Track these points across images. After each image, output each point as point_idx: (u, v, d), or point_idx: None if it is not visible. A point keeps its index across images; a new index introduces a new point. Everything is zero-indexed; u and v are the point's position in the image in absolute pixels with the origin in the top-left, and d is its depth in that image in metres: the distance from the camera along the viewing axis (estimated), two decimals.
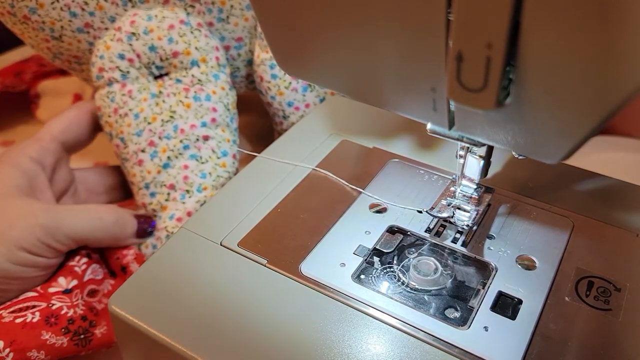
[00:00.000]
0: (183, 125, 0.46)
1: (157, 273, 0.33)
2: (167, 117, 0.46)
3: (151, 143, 0.46)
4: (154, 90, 0.47)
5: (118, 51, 0.46)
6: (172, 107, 0.46)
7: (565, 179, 0.38)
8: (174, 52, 0.46)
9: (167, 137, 0.45)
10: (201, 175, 0.45)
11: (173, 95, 0.46)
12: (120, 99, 0.47)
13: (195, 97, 0.46)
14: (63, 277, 0.40)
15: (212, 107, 0.46)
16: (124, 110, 0.47)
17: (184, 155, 0.45)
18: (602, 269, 0.32)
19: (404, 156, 0.41)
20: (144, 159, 0.46)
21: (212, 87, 0.47)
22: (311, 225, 0.35)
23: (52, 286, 0.39)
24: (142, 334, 0.30)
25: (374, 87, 0.27)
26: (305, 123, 0.45)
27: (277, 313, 0.30)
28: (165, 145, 0.45)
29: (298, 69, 0.30)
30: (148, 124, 0.46)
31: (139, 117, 0.46)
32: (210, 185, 0.45)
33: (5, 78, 0.64)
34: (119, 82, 0.47)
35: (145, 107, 0.46)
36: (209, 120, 0.46)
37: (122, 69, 0.47)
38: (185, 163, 0.45)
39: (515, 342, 0.28)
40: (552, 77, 0.20)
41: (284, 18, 0.27)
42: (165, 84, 0.47)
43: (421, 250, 0.34)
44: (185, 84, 0.47)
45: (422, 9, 0.21)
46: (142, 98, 0.47)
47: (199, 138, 0.46)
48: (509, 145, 0.25)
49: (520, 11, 0.19)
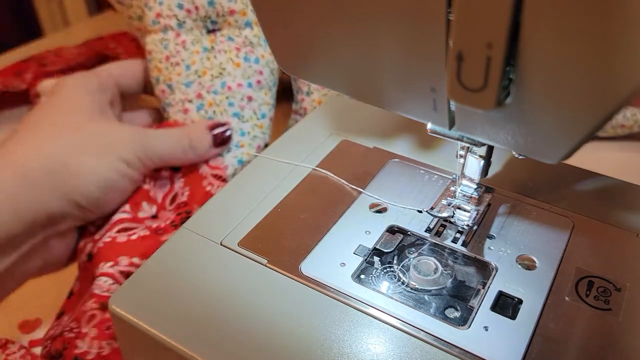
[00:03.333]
0: (231, 82, 0.48)
1: (158, 273, 0.33)
2: (217, 72, 0.48)
3: (199, 95, 0.48)
4: (207, 45, 0.48)
5: (178, 0, 0.47)
6: (222, 64, 0.48)
7: (565, 179, 0.38)
8: (230, 10, 0.48)
9: (214, 92, 0.48)
10: (240, 133, 0.48)
11: (224, 52, 0.48)
12: (173, 47, 0.48)
13: (246, 58, 0.48)
14: (146, 203, 0.44)
15: (259, 69, 0.49)
16: (175, 59, 0.48)
17: (227, 111, 0.48)
18: (602, 269, 0.32)
19: (404, 156, 0.41)
20: (190, 108, 0.48)
21: (262, 50, 0.49)
22: (311, 225, 0.35)
23: (140, 210, 0.43)
24: (142, 333, 0.30)
25: (375, 86, 0.27)
26: (305, 123, 0.45)
27: (277, 313, 0.30)
28: (212, 99, 0.48)
29: (298, 69, 0.30)
30: (198, 76, 0.48)
31: (190, 68, 0.48)
32: (247, 144, 0.49)
33: (6, 78, 0.64)
34: (174, 30, 0.48)
35: (197, 59, 0.48)
36: (254, 82, 0.49)
37: (179, 18, 0.48)
38: (228, 119, 0.48)
39: (515, 342, 0.28)
40: (552, 77, 0.20)
41: (285, 18, 0.27)
42: (217, 40, 0.49)
43: (421, 250, 0.34)
44: (237, 43, 0.48)
45: (423, 8, 0.21)
46: (194, 50, 0.48)
47: (243, 97, 0.48)
48: (509, 145, 0.25)
49: (520, 11, 0.19)
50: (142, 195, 0.44)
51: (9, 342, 0.41)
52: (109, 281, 0.36)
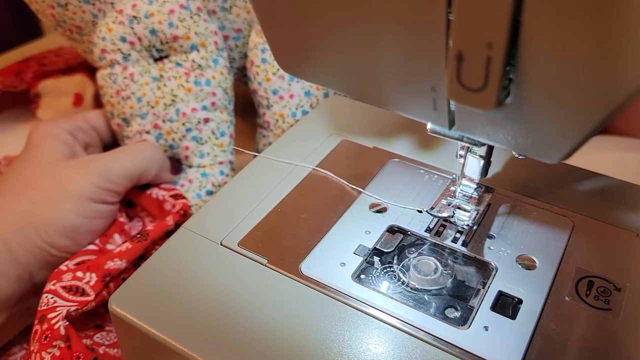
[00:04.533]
0: (184, 108, 0.47)
1: (157, 273, 0.33)
2: (169, 100, 0.48)
3: (155, 126, 0.48)
4: (155, 74, 0.48)
5: (120, 34, 0.47)
6: (174, 91, 0.48)
7: (565, 179, 0.38)
8: (174, 36, 0.47)
9: (170, 120, 0.48)
10: (199, 156, 0.48)
11: (174, 78, 0.48)
12: (122, 81, 0.48)
13: (196, 82, 0.48)
14: (117, 235, 0.43)
15: (211, 91, 0.48)
16: (126, 92, 0.48)
17: (186, 137, 0.48)
18: (602, 269, 0.32)
19: (404, 156, 0.41)
20: (148, 139, 0.48)
21: (212, 72, 0.49)
22: (311, 225, 0.35)
23: (110, 242, 0.42)
24: (142, 333, 0.30)
25: (375, 86, 0.27)
26: (305, 123, 0.45)
27: (277, 313, 0.30)
28: (169, 127, 0.48)
29: (298, 69, 0.30)
30: (151, 107, 0.48)
31: (141, 100, 0.48)
32: (207, 164, 0.49)
33: (6, 78, 0.64)
34: (120, 65, 0.48)
35: (147, 90, 0.48)
36: (209, 104, 0.48)
37: (124, 52, 0.48)
38: (187, 144, 0.48)
39: (515, 342, 0.28)
40: (552, 77, 0.20)
41: (285, 18, 0.27)
42: (165, 67, 0.48)
43: (421, 250, 0.34)
44: (185, 68, 0.48)
45: (423, 8, 0.21)
46: (144, 82, 0.48)
47: (200, 121, 0.48)
48: (509, 145, 0.25)
49: (520, 11, 0.19)
50: (116, 227, 0.43)
51: (10, 343, 0.41)
52: (49, 296, 0.36)
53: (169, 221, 0.42)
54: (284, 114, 0.50)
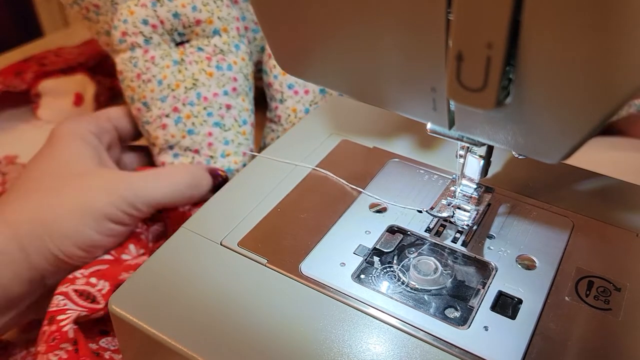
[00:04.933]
0: (206, 93, 0.47)
1: (157, 273, 0.33)
2: (190, 84, 0.47)
3: (175, 109, 0.47)
4: (176, 57, 0.48)
5: (142, 17, 0.47)
6: (195, 75, 0.47)
7: (565, 179, 0.38)
8: (196, 20, 0.47)
9: (190, 103, 0.47)
10: (224, 142, 0.48)
11: (195, 63, 0.48)
12: (143, 64, 0.48)
13: (218, 67, 0.48)
14: (133, 245, 0.42)
15: (233, 76, 0.48)
16: (147, 76, 0.48)
17: (208, 122, 0.47)
18: (602, 269, 0.32)
19: (404, 156, 0.41)
20: (168, 123, 0.47)
21: (234, 57, 0.48)
22: (311, 225, 0.35)
23: (125, 253, 0.41)
24: (142, 333, 0.30)
25: (375, 86, 0.27)
26: (305, 123, 0.45)
27: (277, 313, 0.30)
28: (189, 111, 0.47)
29: (298, 69, 0.30)
30: (172, 90, 0.47)
31: (162, 83, 0.47)
32: (232, 152, 0.48)
33: (6, 78, 0.64)
34: (141, 48, 0.48)
35: (168, 73, 0.47)
36: (230, 89, 0.48)
37: (146, 35, 0.47)
38: (210, 130, 0.47)
39: (515, 342, 0.28)
40: (552, 77, 0.20)
41: (285, 18, 0.27)
42: (186, 51, 0.48)
43: (421, 250, 0.34)
44: (207, 52, 0.48)
45: (423, 8, 0.21)
46: (164, 65, 0.48)
47: (221, 106, 0.48)
48: (509, 145, 0.25)
49: (520, 11, 0.19)
50: (132, 238, 0.42)
51: (10, 344, 0.41)
52: (60, 298, 0.36)
53: None
54: (297, 109, 0.50)
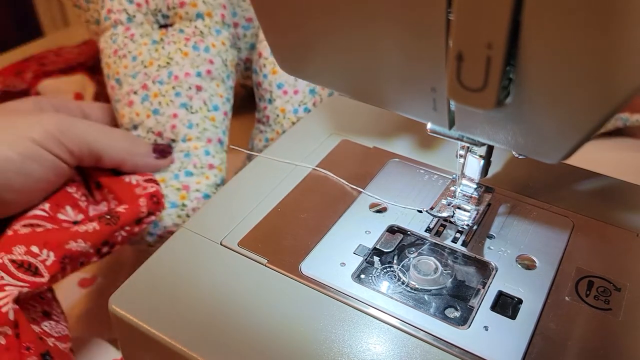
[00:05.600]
0: (178, 72, 0.46)
1: (157, 273, 0.33)
2: (164, 62, 0.46)
3: (144, 86, 0.46)
4: (156, 37, 0.47)
5: None
6: (170, 54, 0.46)
7: (565, 178, 0.38)
8: (181, 2, 0.47)
9: (160, 82, 0.46)
10: (188, 125, 0.45)
11: (173, 43, 0.47)
12: (122, 40, 0.47)
13: (194, 47, 0.46)
14: (70, 208, 0.40)
15: (209, 59, 0.47)
16: (123, 52, 0.47)
17: (174, 102, 0.45)
18: (602, 269, 0.32)
19: (404, 156, 0.41)
20: (134, 100, 0.46)
21: (213, 40, 0.47)
22: (311, 225, 0.35)
23: (61, 212, 0.39)
24: (142, 333, 0.30)
25: (375, 86, 0.27)
26: (305, 123, 0.45)
27: (277, 313, 0.30)
28: (157, 90, 0.45)
29: (298, 69, 0.30)
30: (144, 67, 0.46)
31: (136, 59, 0.46)
32: (194, 137, 0.45)
33: (6, 77, 0.64)
34: (123, 25, 0.47)
35: (144, 51, 0.47)
36: (204, 71, 0.46)
37: (129, 12, 0.47)
38: (175, 112, 0.45)
39: (515, 342, 0.28)
40: (552, 77, 0.20)
41: (285, 18, 0.27)
42: (168, 33, 0.47)
43: (421, 250, 0.34)
44: (187, 34, 0.47)
45: (423, 8, 0.21)
46: (142, 42, 0.47)
47: (191, 87, 0.46)
48: (509, 145, 0.25)
49: (520, 11, 0.19)
50: (67, 199, 0.40)
51: None
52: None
53: (142, 206, 0.39)
54: (286, 110, 0.50)
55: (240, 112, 0.63)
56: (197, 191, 0.44)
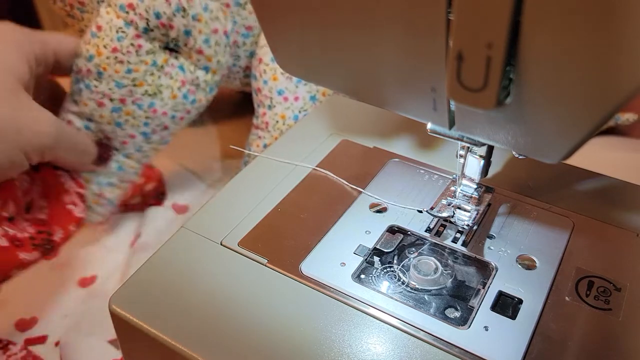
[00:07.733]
0: (158, 107, 0.47)
1: (158, 273, 0.33)
2: (152, 91, 0.47)
3: (122, 100, 0.46)
4: (158, 61, 0.46)
5: (158, 9, 0.45)
6: (161, 89, 0.47)
7: (565, 179, 0.38)
8: (198, 49, 0.47)
9: (138, 105, 0.47)
10: (137, 149, 0.48)
11: (170, 78, 0.47)
12: (127, 44, 0.45)
13: (185, 95, 0.48)
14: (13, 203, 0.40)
15: (189, 109, 0.49)
16: (123, 56, 0.45)
17: (139, 128, 0.47)
18: (602, 269, 0.32)
19: (404, 156, 0.41)
20: (105, 104, 0.46)
21: (202, 95, 0.49)
22: (311, 225, 0.35)
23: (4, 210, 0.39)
24: (142, 333, 0.30)
25: (375, 86, 0.27)
26: (305, 123, 0.45)
27: (277, 313, 0.30)
28: (132, 110, 0.47)
29: (299, 69, 0.30)
30: (133, 85, 0.46)
31: (130, 72, 0.45)
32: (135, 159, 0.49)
33: None
34: (137, 30, 0.45)
35: (142, 69, 0.46)
36: (178, 117, 0.48)
37: (150, 25, 0.45)
38: (135, 134, 0.48)
39: (515, 342, 0.28)
40: (552, 77, 0.20)
41: (285, 18, 0.27)
42: (169, 61, 0.47)
43: (421, 250, 0.34)
44: (185, 77, 0.47)
45: (423, 9, 0.21)
46: (144, 60, 0.46)
47: (160, 124, 0.48)
48: (509, 145, 0.25)
49: (520, 11, 0.19)
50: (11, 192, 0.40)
51: (10, 343, 0.41)
52: None
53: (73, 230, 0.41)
54: (286, 116, 0.50)
55: (236, 117, 0.63)
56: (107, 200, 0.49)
